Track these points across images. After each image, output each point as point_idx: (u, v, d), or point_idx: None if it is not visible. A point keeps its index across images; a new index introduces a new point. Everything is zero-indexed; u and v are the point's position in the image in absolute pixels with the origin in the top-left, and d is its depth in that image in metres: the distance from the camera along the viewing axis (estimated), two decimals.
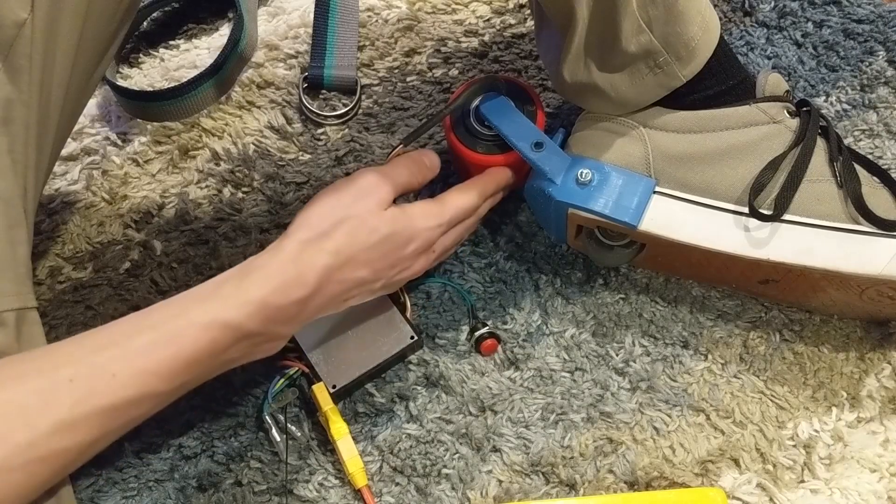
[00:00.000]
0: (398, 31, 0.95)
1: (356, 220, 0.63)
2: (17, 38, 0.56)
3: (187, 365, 0.54)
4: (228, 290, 0.57)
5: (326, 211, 0.64)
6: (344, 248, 0.62)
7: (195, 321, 0.55)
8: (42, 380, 0.49)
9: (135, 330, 0.54)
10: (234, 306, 0.56)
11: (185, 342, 0.54)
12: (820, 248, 0.68)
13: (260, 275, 0.58)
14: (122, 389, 0.51)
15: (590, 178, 0.72)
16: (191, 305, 0.56)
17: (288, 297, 0.58)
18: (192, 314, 0.55)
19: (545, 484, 0.74)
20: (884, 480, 0.73)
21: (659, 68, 0.69)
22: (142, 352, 0.53)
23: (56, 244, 0.86)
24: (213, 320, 0.55)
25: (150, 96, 0.90)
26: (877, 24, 0.91)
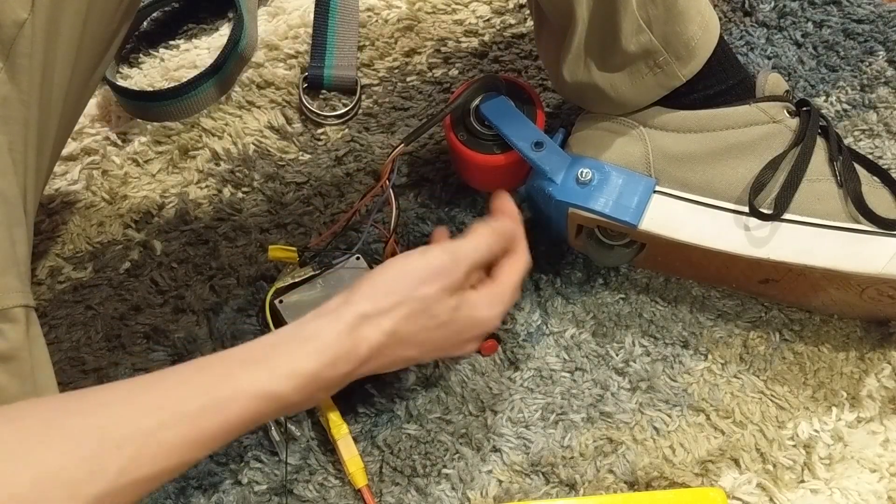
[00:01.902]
0: (398, 31, 0.95)
1: (418, 305, 0.60)
2: (17, 38, 0.56)
3: (228, 433, 0.52)
4: (281, 359, 0.55)
5: (391, 286, 0.60)
6: (401, 329, 0.59)
7: (245, 390, 0.52)
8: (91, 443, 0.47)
9: (185, 392, 0.51)
10: (285, 377, 0.54)
11: (233, 411, 0.52)
12: (820, 248, 0.68)
13: (314, 346, 0.56)
14: (165, 459, 0.49)
15: (590, 178, 0.72)
16: (241, 371, 0.53)
17: (337, 370, 0.57)
18: (242, 381, 0.53)
19: (545, 484, 0.74)
20: (884, 480, 0.73)
21: (659, 68, 0.69)
22: (189, 419, 0.50)
23: (56, 244, 0.86)
24: (261, 391, 0.53)
25: (150, 96, 0.90)
26: (877, 24, 0.91)
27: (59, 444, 0.46)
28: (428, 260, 0.62)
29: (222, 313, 0.82)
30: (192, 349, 0.80)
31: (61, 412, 0.49)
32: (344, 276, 0.80)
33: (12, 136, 0.57)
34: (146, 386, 0.52)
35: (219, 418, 0.51)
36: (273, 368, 0.54)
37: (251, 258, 0.84)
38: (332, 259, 0.80)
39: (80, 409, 0.49)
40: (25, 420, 0.47)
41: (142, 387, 0.52)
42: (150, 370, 0.78)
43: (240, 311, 0.82)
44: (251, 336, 0.80)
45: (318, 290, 0.79)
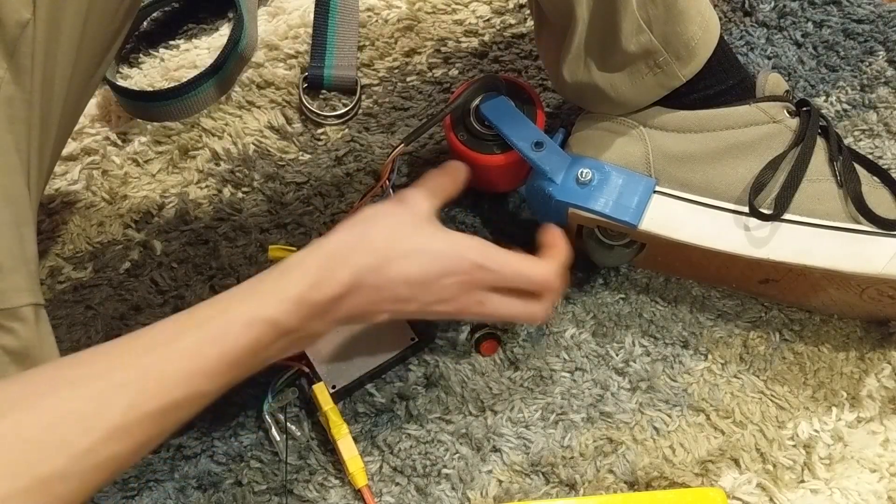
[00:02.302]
0: (398, 31, 0.95)
1: (392, 221, 0.62)
2: (20, 38, 0.56)
3: (231, 363, 0.54)
4: (268, 287, 0.57)
5: (366, 214, 0.63)
6: (378, 246, 0.61)
7: (237, 319, 0.54)
8: (96, 384, 0.49)
9: (179, 330, 0.53)
10: (274, 303, 0.56)
11: (229, 340, 0.53)
12: (820, 248, 0.68)
13: (297, 271, 0.58)
14: (171, 391, 0.51)
15: (590, 178, 0.72)
16: (232, 303, 0.55)
17: (323, 293, 0.58)
18: (233, 312, 0.55)
19: (545, 484, 0.74)
20: (884, 480, 0.73)
21: (659, 68, 0.69)
22: (188, 352, 0.52)
23: (56, 244, 0.86)
24: (254, 318, 0.55)
25: (150, 96, 0.90)
26: (877, 24, 0.91)
27: (65, 390, 0.48)
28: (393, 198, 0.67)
29: None
30: None
31: (62, 367, 0.51)
32: None
33: (18, 136, 0.57)
34: (145, 331, 0.53)
35: (217, 348, 0.53)
36: (262, 295, 0.56)
37: (251, 258, 0.84)
38: None
39: (81, 362, 0.51)
40: (35, 375, 0.50)
41: (137, 335, 0.53)
42: None
43: None
44: None
45: None
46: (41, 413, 0.46)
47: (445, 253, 0.63)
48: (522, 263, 0.66)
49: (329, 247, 0.60)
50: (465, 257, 0.63)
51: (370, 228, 0.62)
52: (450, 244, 0.63)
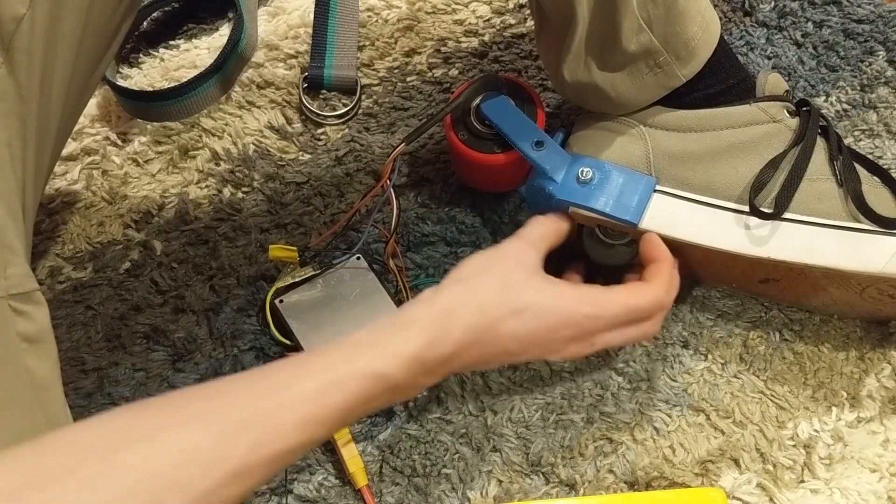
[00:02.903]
0: (398, 31, 0.95)
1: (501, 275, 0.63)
2: (15, 33, 0.56)
3: (345, 413, 0.54)
4: (386, 342, 0.57)
5: (475, 267, 0.64)
6: (489, 303, 0.61)
7: (356, 372, 0.54)
8: (218, 425, 0.49)
9: (299, 375, 0.53)
10: (390, 359, 0.56)
11: (346, 392, 0.54)
12: (820, 247, 0.68)
13: (413, 329, 0.58)
14: (289, 437, 0.51)
15: (590, 177, 0.72)
16: (351, 354, 0.56)
17: (434, 352, 0.58)
18: (353, 364, 0.55)
19: (545, 484, 0.74)
20: (884, 480, 0.73)
21: (659, 68, 0.70)
22: (308, 399, 0.52)
23: (56, 244, 0.86)
24: (371, 372, 0.55)
25: (150, 96, 0.90)
26: (877, 24, 0.91)
27: (191, 427, 0.48)
28: (502, 247, 0.66)
29: (222, 313, 0.82)
30: (192, 349, 0.80)
31: (189, 399, 0.51)
32: (344, 276, 0.80)
33: (10, 132, 0.57)
34: (265, 372, 0.54)
35: (336, 398, 0.53)
36: (381, 349, 0.56)
37: (251, 258, 0.84)
38: (332, 259, 0.80)
39: (207, 396, 0.51)
40: (158, 408, 0.50)
41: (261, 373, 0.54)
42: (150, 370, 0.79)
43: (240, 311, 0.82)
44: (251, 336, 0.80)
45: (319, 290, 0.79)
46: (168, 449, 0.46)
47: (555, 309, 0.63)
48: (631, 299, 0.65)
49: (443, 303, 0.60)
50: (575, 311, 0.63)
51: (480, 284, 0.62)
52: (559, 299, 0.63)
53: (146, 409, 0.50)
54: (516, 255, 0.65)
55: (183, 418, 0.49)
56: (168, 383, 0.79)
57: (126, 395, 0.78)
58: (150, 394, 0.78)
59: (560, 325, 0.63)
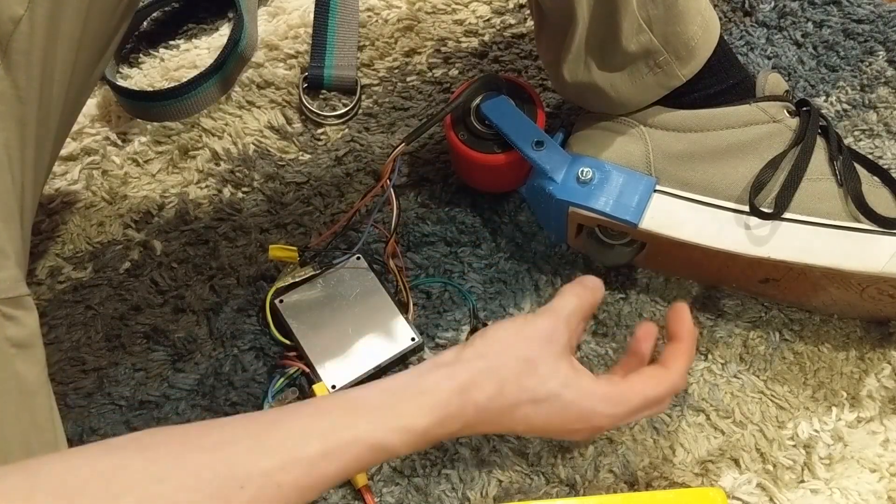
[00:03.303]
0: (398, 31, 0.95)
1: (526, 365, 0.60)
2: (13, 34, 0.55)
3: (338, 479, 0.53)
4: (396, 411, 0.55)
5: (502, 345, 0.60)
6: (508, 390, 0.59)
7: (361, 438, 0.53)
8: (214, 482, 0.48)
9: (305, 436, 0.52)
10: (398, 431, 0.54)
11: (347, 458, 0.52)
12: (820, 246, 0.68)
13: (428, 402, 0.56)
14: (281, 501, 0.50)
15: (590, 177, 0.72)
16: (358, 419, 0.54)
17: (445, 429, 0.57)
18: (359, 430, 0.53)
19: (545, 484, 0.74)
20: (884, 480, 0.73)
21: (659, 68, 0.70)
22: (308, 464, 0.51)
23: (56, 244, 0.86)
24: (375, 442, 0.53)
25: (150, 96, 0.90)
26: (877, 24, 0.91)
27: (186, 480, 0.47)
28: (532, 322, 0.62)
29: (222, 313, 0.81)
30: (192, 349, 0.80)
31: (188, 446, 0.50)
32: (344, 276, 0.80)
33: (8, 134, 0.56)
34: (267, 426, 0.52)
35: (334, 464, 0.52)
36: (388, 420, 0.54)
37: (251, 258, 0.84)
38: (332, 259, 0.80)
39: (206, 445, 0.50)
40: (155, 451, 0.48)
41: (263, 426, 0.52)
42: (150, 370, 0.79)
43: (240, 311, 0.81)
44: (251, 336, 0.80)
45: (319, 290, 0.79)
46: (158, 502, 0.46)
47: (575, 406, 0.61)
48: (651, 391, 0.63)
49: (462, 378, 0.57)
50: (594, 411, 0.61)
51: (503, 363, 0.59)
52: (580, 395, 0.61)
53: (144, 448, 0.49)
54: (546, 335, 0.61)
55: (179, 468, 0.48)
56: (168, 383, 0.79)
57: (126, 395, 0.78)
58: (150, 394, 0.78)
59: (576, 420, 0.61)
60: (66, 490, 0.44)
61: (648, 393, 0.62)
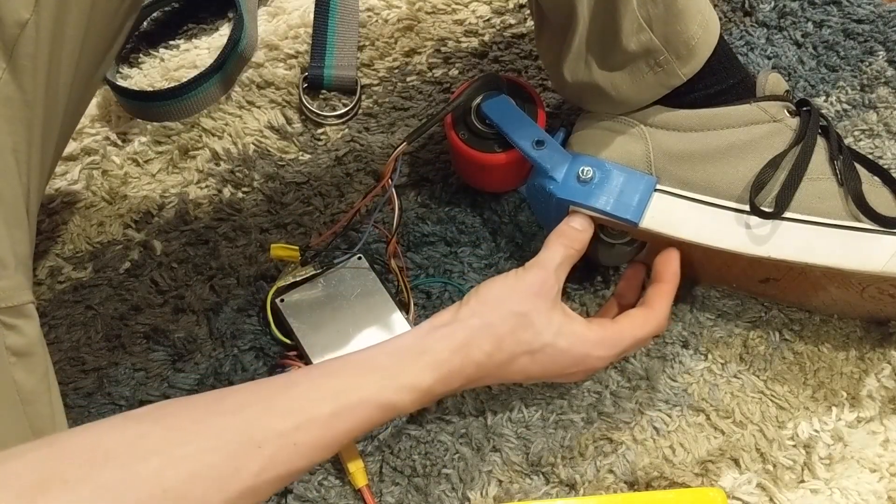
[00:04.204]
0: (398, 31, 0.95)
1: (522, 320, 0.63)
2: (20, 38, 0.55)
3: (351, 436, 0.56)
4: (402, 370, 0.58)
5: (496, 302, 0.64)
6: (505, 345, 0.62)
7: (370, 398, 0.56)
8: (233, 443, 0.50)
9: (317, 397, 0.55)
10: (406, 389, 0.58)
11: (358, 417, 0.55)
12: (821, 245, 0.68)
13: (430, 361, 0.59)
14: (299, 460, 0.52)
15: (591, 176, 0.72)
16: (366, 379, 0.57)
17: (448, 386, 0.60)
18: (368, 389, 0.56)
19: (545, 484, 0.74)
20: (884, 480, 0.73)
21: (659, 67, 0.70)
22: (322, 423, 0.54)
23: (56, 244, 0.86)
24: (384, 400, 0.56)
25: (150, 96, 0.90)
26: (877, 24, 0.91)
27: (206, 442, 0.49)
28: (521, 277, 0.66)
29: (222, 313, 0.81)
30: (192, 349, 0.80)
31: (205, 412, 0.52)
32: (345, 276, 0.80)
33: (16, 138, 0.57)
34: (280, 389, 0.55)
35: (346, 423, 0.55)
36: (394, 378, 0.58)
37: (251, 258, 0.84)
38: (333, 259, 0.80)
39: (223, 409, 0.52)
40: (174, 419, 0.50)
41: (276, 389, 0.55)
42: (150, 370, 0.79)
43: (240, 311, 0.81)
44: (251, 336, 0.80)
45: (320, 290, 0.79)
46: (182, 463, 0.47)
47: (570, 352, 0.65)
48: (640, 331, 0.68)
49: (461, 337, 0.61)
50: (588, 354, 0.66)
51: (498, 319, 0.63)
52: (574, 341, 0.65)
53: (163, 417, 0.50)
54: (537, 289, 0.65)
55: (198, 432, 0.49)
56: (168, 383, 0.79)
57: (126, 395, 0.78)
58: (150, 394, 0.78)
59: (571, 364, 0.65)
60: (93, 457, 0.46)
61: (637, 333, 0.68)
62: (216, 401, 0.53)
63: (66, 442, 0.47)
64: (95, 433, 0.48)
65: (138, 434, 0.48)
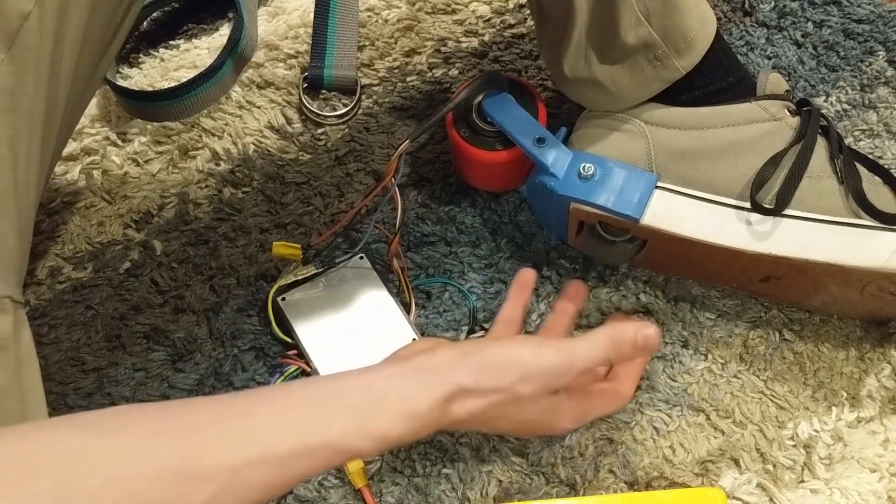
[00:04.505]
0: (398, 31, 0.95)
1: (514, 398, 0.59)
2: (21, 29, 0.55)
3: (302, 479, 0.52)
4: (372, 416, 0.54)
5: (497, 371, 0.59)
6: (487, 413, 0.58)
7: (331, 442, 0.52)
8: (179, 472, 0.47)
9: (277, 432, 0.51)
10: (371, 438, 0.53)
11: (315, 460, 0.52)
12: (822, 242, 0.68)
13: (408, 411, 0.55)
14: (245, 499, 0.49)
15: (592, 173, 0.72)
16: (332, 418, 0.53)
17: (416, 435, 0.56)
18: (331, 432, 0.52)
19: (545, 484, 0.74)
20: (884, 480, 0.73)
21: (658, 61, 0.70)
22: (277, 462, 0.50)
23: (56, 244, 0.86)
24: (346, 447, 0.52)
25: (150, 96, 0.90)
26: (877, 24, 0.91)
27: (150, 467, 0.46)
28: (542, 359, 0.60)
29: (222, 313, 0.81)
30: (192, 349, 0.80)
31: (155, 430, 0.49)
32: (347, 276, 0.80)
33: (15, 129, 0.56)
34: (237, 413, 0.51)
35: (301, 467, 0.51)
36: (363, 425, 0.53)
37: (251, 258, 0.84)
38: (335, 258, 0.80)
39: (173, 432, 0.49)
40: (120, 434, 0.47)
41: (232, 414, 0.51)
42: (150, 370, 0.79)
43: (240, 311, 0.81)
44: (251, 336, 0.80)
45: (321, 289, 0.79)
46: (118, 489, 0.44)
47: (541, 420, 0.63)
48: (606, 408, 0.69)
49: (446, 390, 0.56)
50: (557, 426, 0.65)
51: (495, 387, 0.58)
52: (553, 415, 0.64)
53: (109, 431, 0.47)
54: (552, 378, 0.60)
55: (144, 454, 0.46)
56: (168, 383, 0.79)
57: (126, 395, 0.78)
58: (150, 394, 0.78)
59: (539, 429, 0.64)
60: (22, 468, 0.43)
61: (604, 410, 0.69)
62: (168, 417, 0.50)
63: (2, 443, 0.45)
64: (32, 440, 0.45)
65: (78, 447, 0.45)
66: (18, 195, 0.58)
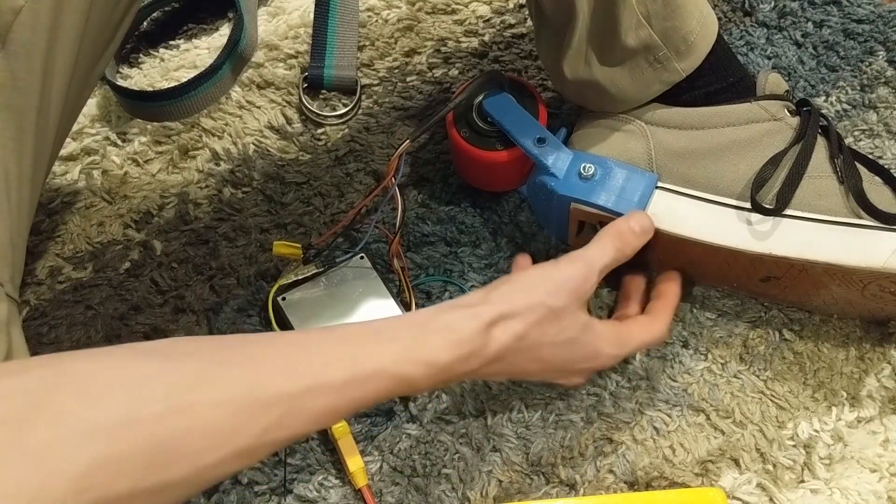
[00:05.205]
0: (398, 31, 0.95)
1: (551, 313, 0.62)
2: (13, 25, 0.55)
3: (359, 407, 0.54)
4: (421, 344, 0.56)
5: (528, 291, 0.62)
6: (530, 335, 0.61)
7: (385, 369, 0.54)
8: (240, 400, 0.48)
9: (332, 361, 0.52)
10: (422, 364, 0.55)
11: (370, 388, 0.53)
12: (822, 242, 0.68)
13: (452, 338, 0.57)
14: (304, 425, 0.51)
15: (592, 173, 0.72)
16: (383, 348, 0.54)
17: (467, 366, 0.58)
18: (384, 359, 0.54)
19: (545, 484, 0.74)
20: (884, 480, 0.73)
21: (658, 63, 0.70)
22: (333, 390, 0.51)
23: (56, 244, 0.86)
24: (399, 373, 0.54)
25: (150, 96, 0.90)
26: (877, 24, 0.91)
27: (212, 394, 0.47)
28: (562, 270, 0.64)
29: (222, 313, 0.81)
30: None
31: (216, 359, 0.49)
32: (347, 275, 0.80)
33: (4, 123, 0.56)
34: (294, 347, 0.53)
35: (357, 393, 0.53)
36: (413, 351, 0.55)
37: (251, 258, 0.84)
38: (335, 258, 0.80)
39: (234, 361, 0.50)
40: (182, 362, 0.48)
41: (290, 347, 0.53)
42: None
43: (240, 311, 0.81)
44: None
45: (322, 289, 0.79)
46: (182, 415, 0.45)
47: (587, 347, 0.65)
48: (647, 336, 0.70)
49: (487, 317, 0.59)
50: (601, 351, 0.67)
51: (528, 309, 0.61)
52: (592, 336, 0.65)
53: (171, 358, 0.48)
54: (574, 286, 0.63)
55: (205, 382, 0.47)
56: None
57: None
58: None
59: (584, 358, 0.66)
60: (92, 389, 0.44)
61: (644, 337, 0.70)
62: (229, 347, 0.51)
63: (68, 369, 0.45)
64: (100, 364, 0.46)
65: (143, 374, 0.46)
66: (10, 191, 0.57)
